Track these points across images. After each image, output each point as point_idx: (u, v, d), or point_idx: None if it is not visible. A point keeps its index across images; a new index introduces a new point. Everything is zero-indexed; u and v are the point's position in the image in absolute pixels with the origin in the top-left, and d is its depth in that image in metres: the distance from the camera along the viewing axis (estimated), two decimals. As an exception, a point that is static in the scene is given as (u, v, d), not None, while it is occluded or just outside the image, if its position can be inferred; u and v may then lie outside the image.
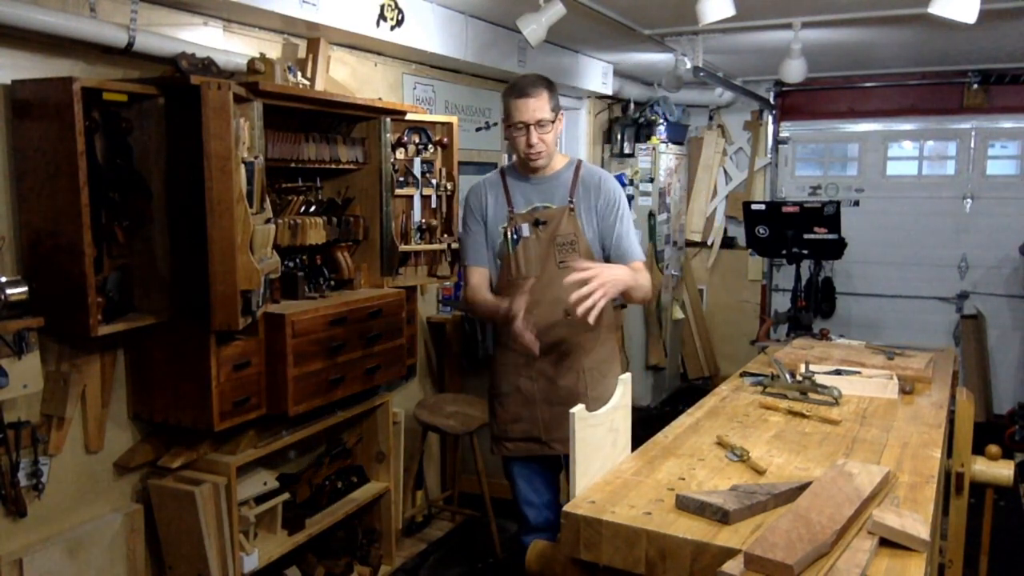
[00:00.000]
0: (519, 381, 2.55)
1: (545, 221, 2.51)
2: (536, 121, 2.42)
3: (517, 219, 2.52)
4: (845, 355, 2.74)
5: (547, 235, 2.51)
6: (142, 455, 2.67)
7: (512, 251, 2.51)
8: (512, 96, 2.44)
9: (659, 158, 5.89)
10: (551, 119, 2.45)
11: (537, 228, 2.51)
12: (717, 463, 1.81)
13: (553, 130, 2.48)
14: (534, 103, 2.41)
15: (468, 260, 2.64)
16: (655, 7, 3.80)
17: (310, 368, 2.80)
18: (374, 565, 3.43)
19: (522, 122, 2.42)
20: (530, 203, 2.54)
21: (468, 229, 2.63)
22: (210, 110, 2.32)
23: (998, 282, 5.87)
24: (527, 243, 2.51)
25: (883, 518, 1.40)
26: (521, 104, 2.41)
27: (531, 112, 2.41)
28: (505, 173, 2.62)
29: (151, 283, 2.49)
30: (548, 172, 2.56)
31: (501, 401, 2.60)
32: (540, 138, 2.44)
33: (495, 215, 2.56)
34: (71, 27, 2.30)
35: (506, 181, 2.59)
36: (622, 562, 1.49)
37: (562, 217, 2.51)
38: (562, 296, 2.43)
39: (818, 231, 4.87)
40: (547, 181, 2.56)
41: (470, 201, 2.63)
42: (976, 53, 5.17)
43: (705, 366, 6.74)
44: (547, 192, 2.55)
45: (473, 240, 2.61)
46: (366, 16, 3.22)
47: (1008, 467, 2.34)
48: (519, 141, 2.47)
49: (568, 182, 2.55)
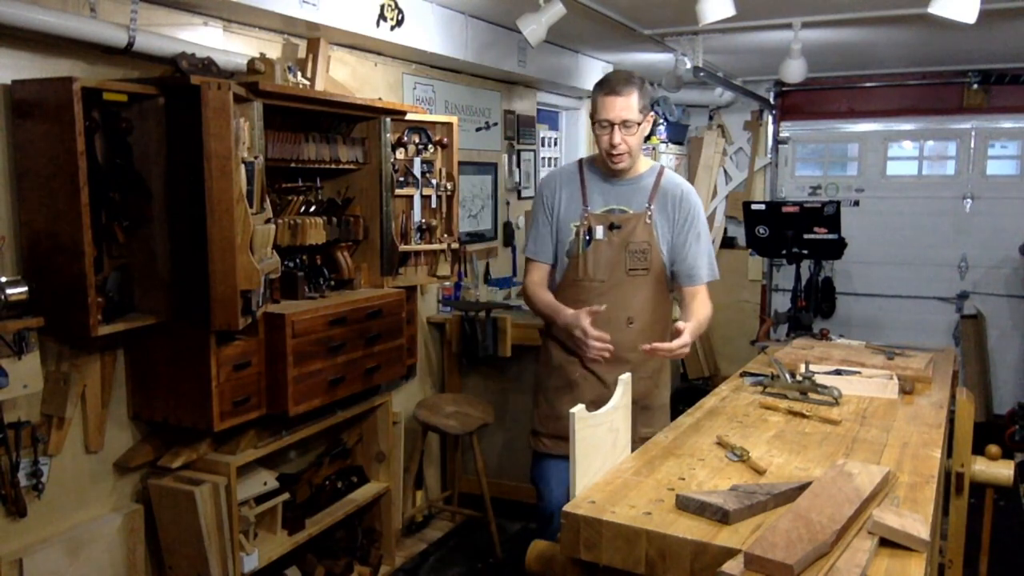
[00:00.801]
0: (572, 379, 2.52)
1: (620, 225, 2.46)
2: (622, 121, 2.36)
3: (592, 219, 2.47)
4: (845, 355, 2.74)
5: (620, 240, 2.46)
6: (142, 455, 2.67)
7: (583, 252, 2.45)
8: (601, 92, 2.37)
9: (659, 158, 5.89)
10: (638, 120, 2.38)
11: (611, 232, 2.46)
12: (717, 463, 1.81)
13: (639, 132, 2.41)
14: (622, 102, 2.34)
15: (531, 252, 2.59)
16: (655, 7, 3.80)
17: (310, 368, 2.80)
18: (374, 565, 3.43)
19: (607, 120, 2.36)
20: (607, 204, 2.49)
21: (536, 220, 2.58)
22: (210, 110, 2.32)
23: (998, 282, 5.87)
24: (599, 246, 2.46)
25: (883, 518, 1.40)
26: (609, 101, 2.35)
27: (618, 111, 2.34)
28: (584, 167, 2.56)
29: (151, 283, 2.49)
30: (630, 175, 2.50)
31: (547, 396, 2.57)
32: (624, 139, 2.38)
33: (568, 210, 2.50)
34: (71, 27, 2.30)
35: (584, 177, 2.52)
36: (622, 562, 1.49)
37: (638, 224, 2.46)
38: (627, 302, 2.47)
39: (818, 231, 4.87)
40: (627, 184, 2.50)
41: (543, 191, 2.57)
42: (976, 53, 5.17)
43: (705, 366, 6.73)
44: (626, 195, 2.50)
45: (539, 232, 2.56)
46: (366, 16, 3.22)
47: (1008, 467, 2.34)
48: (602, 139, 2.40)
49: (649, 188, 2.49)
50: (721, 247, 6.68)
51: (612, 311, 2.43)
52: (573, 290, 2.50)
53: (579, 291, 2.49)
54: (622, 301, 2.46)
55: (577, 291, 2.49)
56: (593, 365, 2.48)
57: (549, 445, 2.56)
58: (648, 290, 2.51)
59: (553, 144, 5.80)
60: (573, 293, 2.50)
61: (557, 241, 2.55)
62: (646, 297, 2.51)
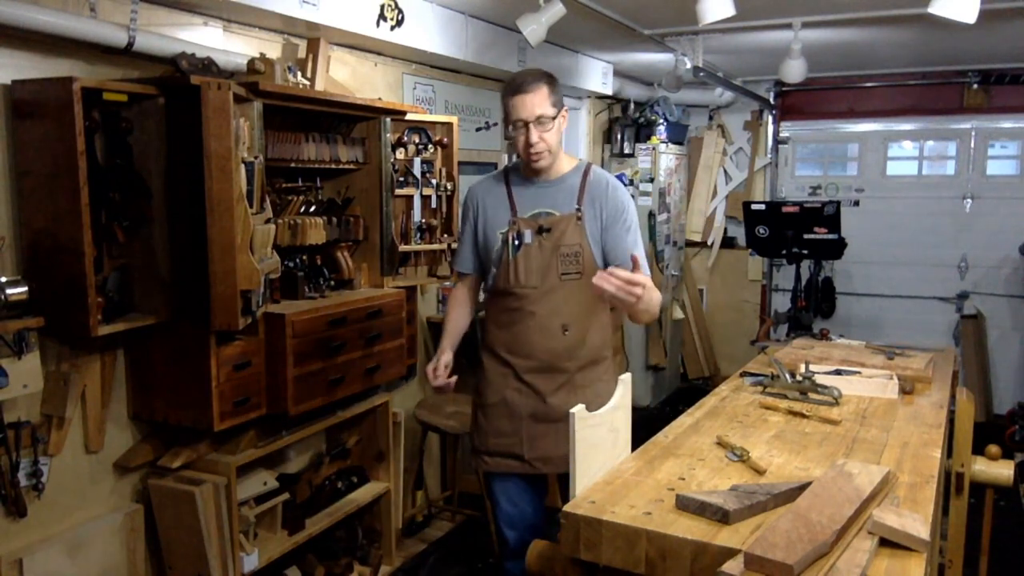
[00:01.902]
0: (506, 393, 2.40)
1: (549, 228, 2.34)
2: (536, 118, 2.24)
3: (520, 224, 2.36)
4: (845, 355, 2.74)
5: (551, 244, 2.34)
6: (142, 455, 2.67)
7: (512, 258, 2.35)
8: (509, 93, 2.27)
9: (659, 158, 5.89)
10: (552, 115, 2.27)
11: (541, 235, 2.35)
12: (717, 463, 1.81)
13: (556, 127, 2.30)
14: (531, 99, 2.23)
15: (457, 264, 2.57)
16: (655, 7, 3.80)
17: (310, 368, 2.80)
18: (374, 565, 3.43)
19: (520, 119, 2.25)
20: (534, 208, 2.38)
21: (462, 233, 2.55)
22: (210, 110, 2.32)
23: (998, 282, 5.87)
24: (529, 251, 2.34)
25: (883, 518, 1.40)
26: (518, 101, 2.24)
27: (529, 108, 2.23)
28: (509, 174, 2.46)
29: (151, 283, 2.49)
30: (554, 175, 2.40)
31: (485, 412, 2.46)
32: (541, 136, 2.27)
33: (494, 218, 2.41)
34: (71, 27, 2.30)
35: (509, 183, 2.43)
36: (622, 562, 1.49)
37: (568, 225, 2.34)
38: (561, 309, 2.34)
39: (818, 231, 4.87)
40: (553, 185, 2.39)
41: (467, 202, 2.52)
42: (976, 53, 5.17)
43: (705, 366, 6.74)
44: (552, 197, 2.38)
45: (465, 245, 2.52)
46: (366, 16, 3.22)
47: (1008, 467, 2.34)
48: (519, 141, 2.30)
49: (575, 187, 2.38)
50: (721, 247, 6.69)
51: (546, 319, 2.34)
52: (504, 299, 2.39)
53: (510, 299, 2.37)
54: (555, 308, 2.34)
55: (508, 299, 2.38)
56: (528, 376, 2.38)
57: (491, 464, 2.45)
58: (582, 295, 2.35)
59: (553, 144, 5.79)
60: (504, 302, 2.39)
61: (485, 251, 2.44)
62: (580, 302, 2.36)
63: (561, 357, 2.36)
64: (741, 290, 6.69)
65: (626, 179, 5.85)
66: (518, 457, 2.39)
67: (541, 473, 2.41)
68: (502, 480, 2.46)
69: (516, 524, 2.46)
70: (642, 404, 5.94)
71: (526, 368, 2.38)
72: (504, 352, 2.40)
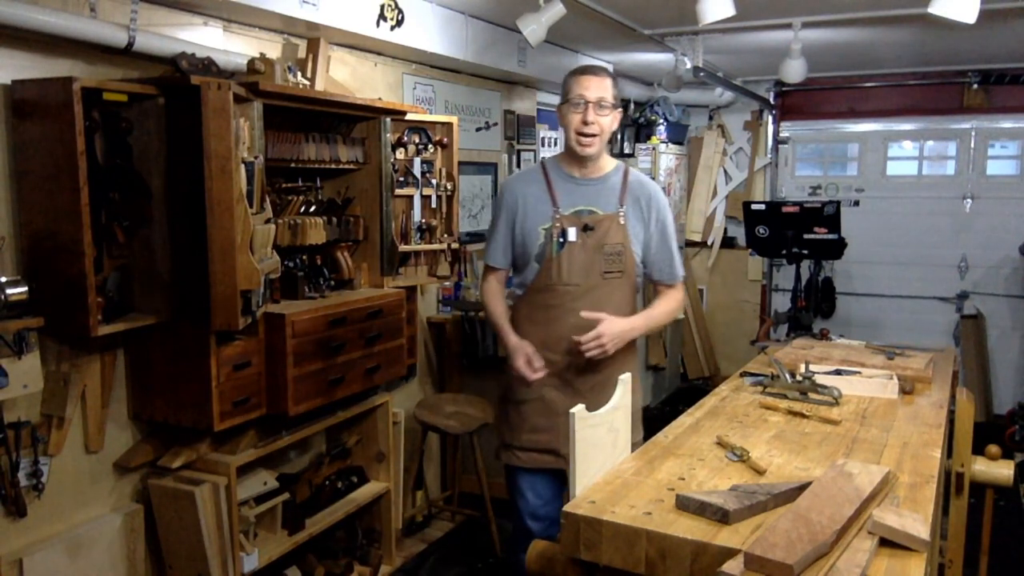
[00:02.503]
0: (543, 390, 2.42)
1: (593, 227, 2.37)
2: (598, 99, 2.30)
3: (563, 221, 2.38)
4: (845, 355, 2.74)
5: (594, 242, 2.37)
6: (142, 455, 2.67)
7: (556, 255, 2.36)
8: (575, 74, 2.35)
9: (659, 158, 5.89)
10: (612, 103, 2.34)
11: (585, 233, 2.37)
12: (717, 463, 1.81)
13: (611, 118, 2.36)
14: (598, 81, 2.31)
15: (490, 259, 2.54)
16: (655, 7, 3.80)
17: (310, 368, 2.80)
18: (374, 565, 3.43)
19: (582, 96, 2.30)
20: (575, 205, 2.40)
21: (496, 225, 2.51)
22: (210, 110, 2.32)
23: (998, 282, 5.87)
24: (572, 248, 2.36)
25: (883, 518, 1.40)
26: (584, 80, 2.32)
27: (594, 89, 2.30)
28: (548, 169, 2.47)
29: (151, 283, 2.49)
30: (596, 173, 2.44)
31: (519, 409, 2.47)
32: (597, 119, 2.32)
33: (535, 213, 2.41)
34: (71, 27, 2.30)
35: (549, 178, 2.43)
36: (622, 562, 1.49)
37: (611, 225, 2.39)
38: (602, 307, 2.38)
39: (818, 231, 4.87)
40: (595, 184, 2.43)
41: (505, 197, 2.49)
42: (976, 53, 5.17)
43: (705, 366, 6.73)
44: (594, 195, 2.41)
45: (498, 238, 2.49)
46: (366, 16, 3.22)
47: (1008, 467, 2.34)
48: (574, 118, 2.32)
49: (617, 188, 2.43)
50: (721, 247, 6.69)
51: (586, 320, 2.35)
52: (545, 295, 2.40)
53: (552, 296, 2.39)
54: (597, 305, 2.36)
55: (550, 296, 2.40)
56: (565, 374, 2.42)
57: (524, 459, 2.47)
58: (622, 293, 2.44)
59: (553, 144, 5.80)
60: (545, 298, 2.41)
61: (523, 246, 2.45)
62: (620, 300, 2.44)
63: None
64: (741, 290, 6.69)
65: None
66: (554, 452, 2.41)
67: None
68: (531, 473, 2.49)
69: (541, 516, 2.49)
70: (642, 404, 5.92)
71: (566, 365, 2.41)
72: (542, 350, 2.39)
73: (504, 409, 2.55)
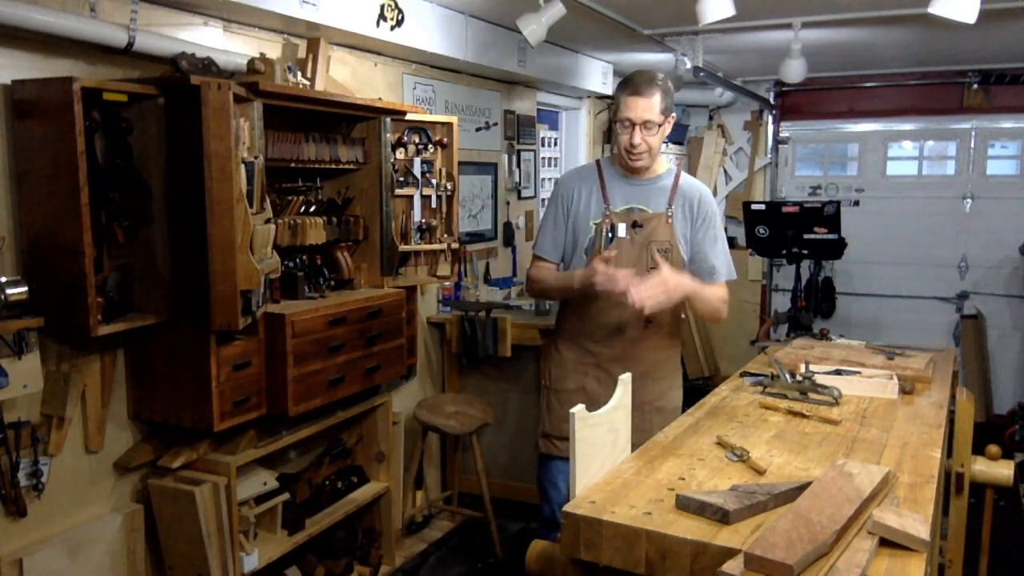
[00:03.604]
0: (585, 381, 2.51)
1: (642, 224, 2.47)
2: (643, 121, 2.39)
3: (613, 217, 2.48)
4: (845, 355, 2.74)
5: (642, 238, 2.47)
6: (142, 455, 2.67)
7: (604, 249, 2.44)
8: (625, 92, 2.41)
9: (659, 158, 5.88)
10: (659, 122, 2.42)
11: (634, 230, 2.47)
12: (717, 463, 1.81)
13: (660, 133, 2.45)
14: (644, 103, 2.37)
15: (540, 251, 2.60)
16: (655, 7, 3.80)
17: (310, 368, 2.80)
18: (374, 565, 3.43)
19: (628, 119, 2.39)
20: (627, 203, 2.50)
21: (549, 218, 2.59)
22: (210, 110, 2.32)
23: (998, 282, 5.87)
24: (621, 243, 2.46)
25: (883, 518, 1.40)
26: (631, 102, 2.38)
27: (639, 111, 2.37)
28: (602, 167, 2.57)
29: (151, 283, 2.49)
30: (649, 175, 2.53)
31: (560, 398, 2.55)
32: (644, 139, 2.40)
33: (587, 208, 2.50)
34: (71, 27, 2.30)
35: (603, 175, 2.53)
36: (622, 562, 1.48)
37: (660, 223, 2.48)
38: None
39: (818, 231, 4.87)
40: (647, 184, 2.53)
41: (561, 190, 2.58)
42: (976, 53, 5.17)
43: (705, 366, 6.73)
44: (645, 195, 2.51)
45: (553, 231, 2.57)
46: (366, 16, 3.22)
47: (1008, 467, 2.34)
48: (622, 138, 2.43)
49: (668, 188, 2.52)
50: (721, 247, 6.68)
51: (632, 311, 2.41)
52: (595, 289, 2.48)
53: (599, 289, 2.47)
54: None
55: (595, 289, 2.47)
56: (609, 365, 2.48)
57: (563, 448, 2.50)
58: None
59: (553, 144, 5.80)
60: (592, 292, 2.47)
61: (573, 239, 2.54)
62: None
63: (641, 348, 2.49)
64: (741, 290, 6.68)
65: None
66: None
67: None
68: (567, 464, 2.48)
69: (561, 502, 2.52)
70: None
71: (609, 357, 2.49)
72: (586, 341, 2.50)
73: (547, 398, 2.63)
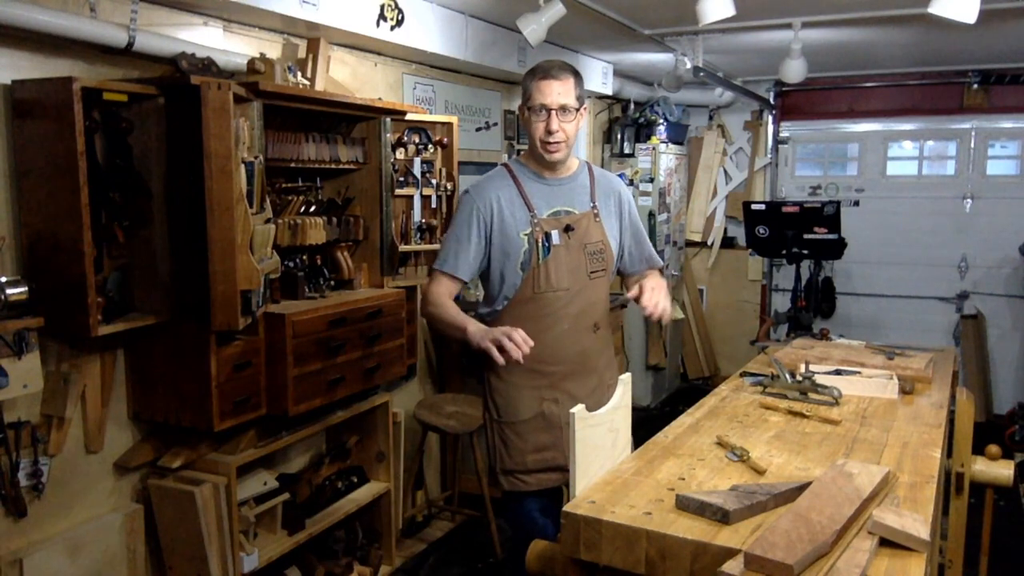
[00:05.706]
0: (542, 406, 2.31)
1: (574, 227, 2.29)
2: (560, 106, 2.19)
3: (543, 225, 2.27)
4: (845, 355, 2.74)
5: (577, 242, 2.29)
6: (142, 455, 2.67)
7: (543, 261, 2.25)
8: (535, 77, 2.21)
9: (659, 158, 5.89)
10: (575, 107, 2.22)
11: (567, 234, 2.28)
12: (717, 463, 1.81)
13: (576, 122, 2.25)
14: (559, 86, 2.18)
15: (445, 266, 2.31)
16: (655, 7, 3.80)
17: (310, 368, 2.80)
18: (374, 565, 3.43)
19: (543, 105, 2.19)
20: (551, 207, 2.31)
21: (460, 233, 2.30)
22: (210, 110, 2.32)
23: (998, 282, 5.87)
24: (558, 252, 2.27)
25: (883, 518, 1.40)
26: (545, 86, 2.19)
27: (555, 95, 2.18)
28: (515, 171, 2.34)
29: (151, 283, 2.49)
30: (566, 172, 2.36)
31: (518, 430, 2.32)
32: (561, 126, 2.21)
33: (511, 220, 2.28)
34: (71, 27, 2.30)
35: (518, 180, 2.31)
36: (622, 562, 1.48)
37: (589, 223, 2.32)
38: (593, 308, 2.34)
39: (818, 231, 4.87)
40: (567, 183, 2.35)
41: (474, 204, 2.30)
42: (976, 53, 5.17)
43: (705, 366, 6.74)
44: (568, 195, 2.33)
45: (464, 247, 2.29)
46: (366, 16, 3.22)
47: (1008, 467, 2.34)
48: (538, 127, 2.22)
49: (587, 184, 2.37)
50: (721, 247, 6.69)
51: (579, 319, 2.31)
52: (534, 305, 2.28)
53: (542, 304, 2.28)
54: (587, 307, 2.31)
55: (539, 305, 2.28)
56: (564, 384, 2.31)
57: (532, 482, 2.32)
58: (605, 292, 2.40)
59: (553, 144, 5.79)
60: (534, 308, 2.28)
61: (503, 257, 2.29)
62: (605, 299, 2.41)
63: (593, 356, 2.37)
64: (741, 290, 6.69)
65: (626, 179, 5.85)
66: (562, 469, 2.25)
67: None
68: (538, 498, 2.34)
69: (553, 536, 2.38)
70: (642, 404, 5.94)
71: (562, 375, 2.33)
72: (535, 363, 2.24)
73: (501, 434, 2.36)
